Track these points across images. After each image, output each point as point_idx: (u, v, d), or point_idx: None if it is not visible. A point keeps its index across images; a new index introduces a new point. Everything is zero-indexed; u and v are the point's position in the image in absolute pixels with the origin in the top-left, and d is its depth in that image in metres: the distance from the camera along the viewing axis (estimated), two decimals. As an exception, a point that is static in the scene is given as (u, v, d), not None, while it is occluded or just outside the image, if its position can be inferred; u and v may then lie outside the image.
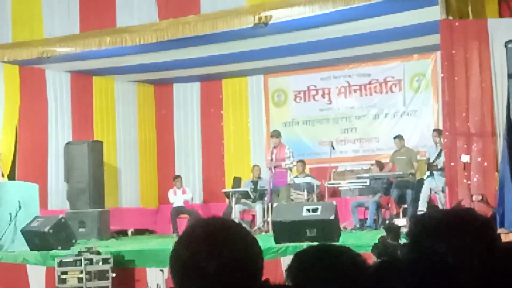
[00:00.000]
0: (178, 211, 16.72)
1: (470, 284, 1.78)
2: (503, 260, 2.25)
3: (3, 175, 15.62)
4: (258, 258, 2.28)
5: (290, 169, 15.05)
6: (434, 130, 15.20)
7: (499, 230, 8.98)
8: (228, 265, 2.17)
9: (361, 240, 11.55)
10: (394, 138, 15.84)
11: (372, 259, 8.56)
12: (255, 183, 16.32)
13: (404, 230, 10.27)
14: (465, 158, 10.65)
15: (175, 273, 2.24)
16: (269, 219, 14.10)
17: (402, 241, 9.36)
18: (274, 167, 14.87)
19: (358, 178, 15.99)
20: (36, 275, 12.28)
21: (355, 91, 17.73)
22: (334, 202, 12.26)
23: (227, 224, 2.30)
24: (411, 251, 2.17)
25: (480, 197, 10.44)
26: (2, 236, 13.36)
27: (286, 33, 14.17)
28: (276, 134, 15.32)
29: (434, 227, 2.20)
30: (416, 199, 14.54)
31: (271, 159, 15.05)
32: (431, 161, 14.66)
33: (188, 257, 2.19)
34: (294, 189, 15.63)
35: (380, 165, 15.87)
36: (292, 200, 15.10)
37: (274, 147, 15.09)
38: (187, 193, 17.12)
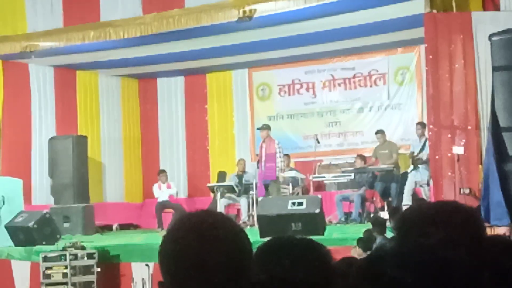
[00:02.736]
0: (163, 205, 16.69)
1: (459, 277, 1.78)
2: (491, 252, 2.25)
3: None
4: (247, 248, 2.28)
5: (282, 170, 14.97)
6: (418, 123, 15.25)
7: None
8: (218, 257, 2.17)
9: (346, 233, 11.58)
10: (376, 133, 15.86)
11: (352, 253, 8.56)
12: (239, 177, 16.32)
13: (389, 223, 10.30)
14: (457, 149, 10.66)
15: (164, 267, 2.23)
16: (254, 213, 14.08)
17: (388, 234, 9.40)
18: (264, 162, 14.71)
19: (343, 171, 16.00)
20: (21, 271, 12.25)
21: (339, 84, 17.74)
22: (319, 196, 12.28)
23: (214, 217, 2.29)
24: (399, 245, 2.17)
25: (468, 190, 10.47)
26: (-14, 232, 13.31)
27: (270, 27, 14.16)
28: (264, 127, 15.19)
29: (422, 221, 2.20)
30: (400, 193, 14.58)
31: (260, 154, 14.92)
32: (415, 154, 14.69)
33: (178, 251, 2.19)
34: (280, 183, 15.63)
35: (363, 159, 15.88)
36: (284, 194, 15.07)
37: (263, 141, 14.98)
38: (172, 188, 17.08)
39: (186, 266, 2.17)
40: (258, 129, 15.92)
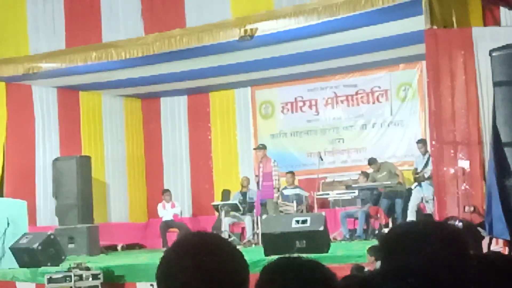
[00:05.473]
0: (168, 225, 16.70)
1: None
2: (477, 271, 2.26)
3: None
4: (243, 270, 2.29)
5: (278, 189, 15.02)
6: (418, 141, 15.24)
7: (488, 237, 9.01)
8: (214, 279, 2.18)
9: (350, 250, 11.56)
10: (369, 164, 15.81)
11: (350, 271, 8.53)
12: (243, 194, 16.34)
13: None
14: (463, 163, 10.65)
15: (160, 287, 2.25)
16: (259, 231, 14.09)
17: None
18: (261, 181, 14.86)
19: (347, 188, 16.01)
20: (26, 293, 12.23)
21: (342, 101, 17.77)
22: (323, 213, 12.27)
23: (211, 238, 2.31)
24: (382, 265, 2.18)
25: (472, 208, 10.45)
26: (-9, 254, 13.33)
27: (272, 45, 14.19)
28: (260, 147, 15.39)
29: (403, 240, 2.22)
30: (405, 209, 14.57)
31: (258, 174, 15.06)
32: (418, 170, 14.69)
33: (174, 272, 2.21)
34: (283, 200, 15.64)
35: (366, 176, 15.89)
36: (281, 212, 15.10)
37: (260, 161, 15.10)
38: (176, 207, 17.10)
39: (179, 287, 2.19)
40: (254, 149, 16.10)
